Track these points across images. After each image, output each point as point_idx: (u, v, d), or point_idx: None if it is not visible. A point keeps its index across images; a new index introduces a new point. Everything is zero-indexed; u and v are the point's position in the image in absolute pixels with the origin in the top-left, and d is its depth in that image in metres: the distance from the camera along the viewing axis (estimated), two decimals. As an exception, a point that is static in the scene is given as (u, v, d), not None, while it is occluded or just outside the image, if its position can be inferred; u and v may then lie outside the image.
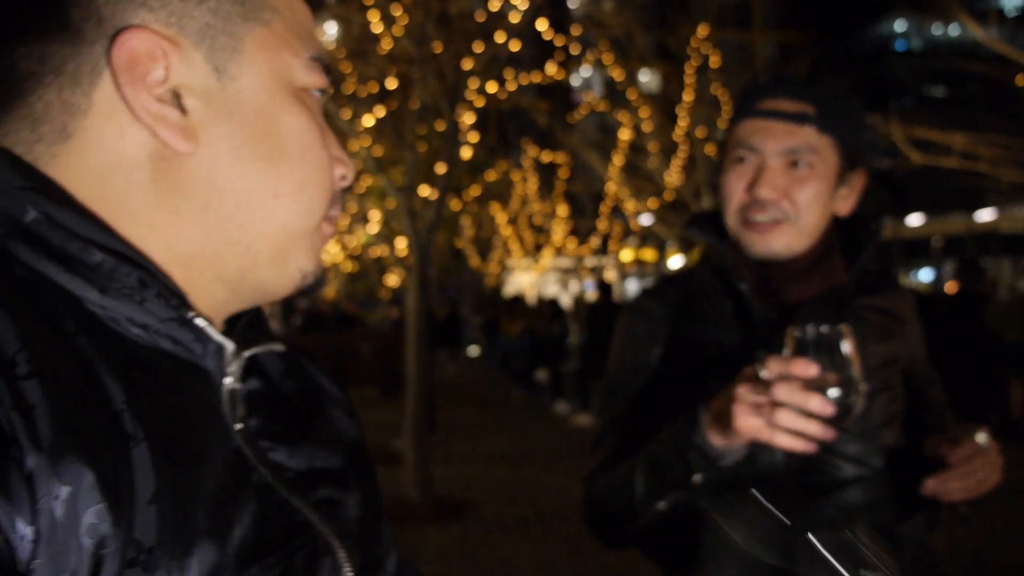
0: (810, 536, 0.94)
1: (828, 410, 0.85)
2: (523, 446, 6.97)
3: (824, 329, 0.88)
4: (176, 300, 0.53)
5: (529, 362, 9.29)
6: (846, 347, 0.88)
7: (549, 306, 12.80)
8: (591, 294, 14.19)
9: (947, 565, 1.24)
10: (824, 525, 1.00)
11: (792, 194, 1.17)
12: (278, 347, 0.64)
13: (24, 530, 0.40)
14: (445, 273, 19.30)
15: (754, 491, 1.03)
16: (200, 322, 0.54)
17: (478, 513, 4.91)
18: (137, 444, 0.46)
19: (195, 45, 0.53)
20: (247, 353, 0.58)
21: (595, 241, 15.96)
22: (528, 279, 20.29)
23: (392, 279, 12.34)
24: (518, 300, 11.59)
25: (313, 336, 7.80)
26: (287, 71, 0.57)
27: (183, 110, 0.53)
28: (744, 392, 0.92)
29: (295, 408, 0.65)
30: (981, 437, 1.06)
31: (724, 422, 0.95)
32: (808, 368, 0.86)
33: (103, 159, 0.52)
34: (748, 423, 0.91)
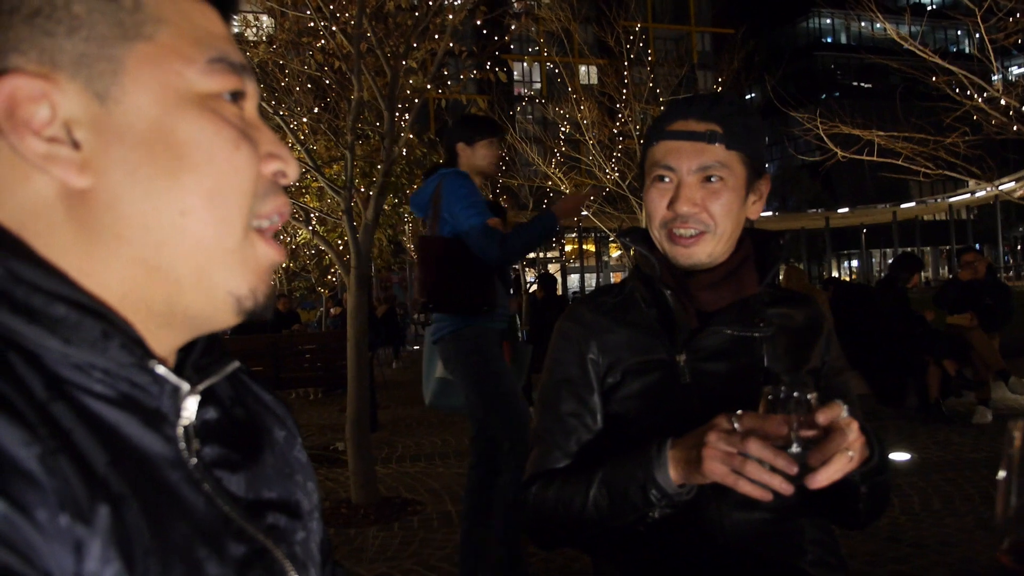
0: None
1: (793, 469, 0.94)
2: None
3: (796, 393, 0.96)
4: (139, 349, 0.54)
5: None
6: (810, 409, 0.96)
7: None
8: (533, 289, 14.22)
9: (863, 542, 1.31)
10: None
11: (708, 206, 1.30)
12: (232, 366, 0.64)
13: None
14: (386, 269, 19.11)
15: None
16: (160, 369, 0.55)
17: (422, 511, 4.91)
18: (128, 504, 0.48)
19: (71, 77, 0.52)
20: (201, 387, 0.59)
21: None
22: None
23: (332, 277, 12.18)
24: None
25: (250, 336, 7.55)
26: (180, 81, 0.56)
27: (76, 144, 0.52)
28: (715, 440, 1.01)
29: (245, 434, 0.66)
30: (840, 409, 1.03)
31: (691, 463, 1.04)
32: (782, 427, 0.95)
33: (18, 206, 0.53)
34: (716, 469, 1.00)
